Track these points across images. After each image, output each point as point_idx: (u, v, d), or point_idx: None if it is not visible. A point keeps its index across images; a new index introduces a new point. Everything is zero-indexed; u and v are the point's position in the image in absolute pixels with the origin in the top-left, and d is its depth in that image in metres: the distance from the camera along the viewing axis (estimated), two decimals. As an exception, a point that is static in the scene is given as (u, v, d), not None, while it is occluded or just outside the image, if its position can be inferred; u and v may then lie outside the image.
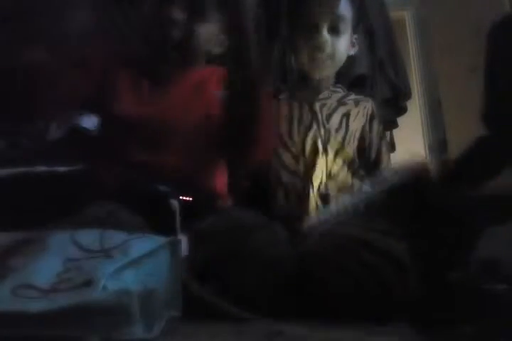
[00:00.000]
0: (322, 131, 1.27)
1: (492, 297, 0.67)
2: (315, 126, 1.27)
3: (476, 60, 1.28)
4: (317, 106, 1.30)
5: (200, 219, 0.95)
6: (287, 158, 1.27)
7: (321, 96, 1.32)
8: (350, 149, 1.29)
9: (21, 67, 0.95)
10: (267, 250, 0.89)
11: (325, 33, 1.24)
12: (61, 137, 1.58)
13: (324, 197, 1.23)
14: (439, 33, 1.36)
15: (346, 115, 1.30)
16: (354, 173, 1.28)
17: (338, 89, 1.37)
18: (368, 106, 1.34)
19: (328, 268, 0.87)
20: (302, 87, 1.35)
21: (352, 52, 1.33)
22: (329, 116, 1.29)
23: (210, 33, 1.12)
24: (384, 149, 1.35)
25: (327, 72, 1.30)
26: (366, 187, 1.21)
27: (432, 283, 0.85)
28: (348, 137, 1.29)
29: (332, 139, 1.26)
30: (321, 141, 1.26)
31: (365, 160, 1.32)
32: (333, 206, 1.18)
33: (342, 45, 1.27)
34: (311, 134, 1.26)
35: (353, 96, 1.36)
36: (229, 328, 0.78)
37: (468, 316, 0.67)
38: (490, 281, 0.70)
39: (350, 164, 1.28)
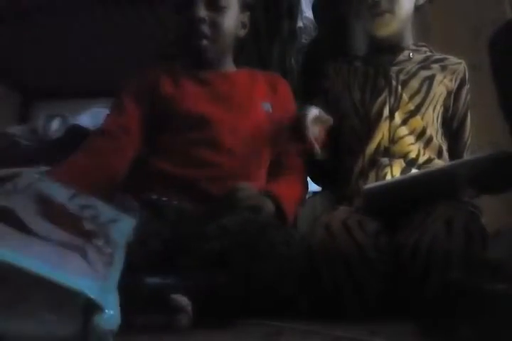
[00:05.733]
0: (393, 98, 1.18)
1: (492, 297, 0.67)
2: (386, 92, 1.19)
3: (476, 59, 1.29)
4: (394, 71, 1.21)
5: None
6: (356, 124, 1.22)
7: (400, 57, 1.24)
8: (428, 116, 1.19)
9: None
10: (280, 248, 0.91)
11: None
12: (61, 137, 1.59)
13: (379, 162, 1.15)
14: (439, 32, 1.36)
15: (429, 79, 1.21)
16: (427, 144, 1.18)
17: (422, 49, 1.27)
18: (459, 70, 1.23)
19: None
20: (377, 50, 1.27)
21: (420, 1, 1.25)
22: (406, 82, 1.20)
23: (232, 19, 1.18)
24: (468, 119, 1.25)
25: (391, 27, 1.22)
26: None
27: (433, 283, 0.85)
28: (426, 103, 1.19)
29: (402, 106, 1.18)
30: (389, 106, 1.18)
31: (446, 129, 1.23)
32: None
33: None
34: (379, 100, 1.19)
35: (439, 58, 1.25)
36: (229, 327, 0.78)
37: (469, 316, 0.67)
38: (490, 281, 0.70)
39: (420, 134, 1.18)
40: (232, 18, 1.19)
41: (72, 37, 2.13)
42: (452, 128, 1.24)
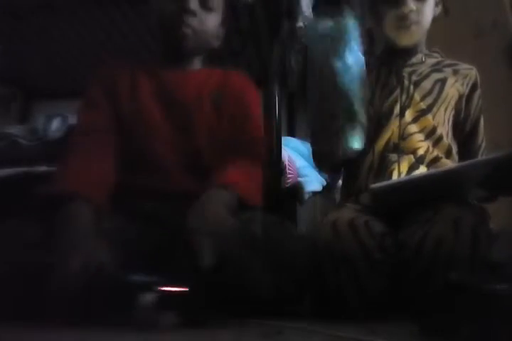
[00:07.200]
0: (404, 96, 1.20)
1: (492, 297, 0.67)
2: (398, 91, 1.21)
3: (476, 59, 1.29)
4: (406, 71, 1.23)
5: None
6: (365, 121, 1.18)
7: (413, 60, 1.25)
8: (440, 117, 1.19)
9: None
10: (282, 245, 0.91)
11: (410, 2, 1.17)
12: (61, 137, 1.59)
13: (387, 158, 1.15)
14: (439, 32, 1.36)
15: (441, 81, 1.22)
16: (436, 143, 1.17)
17: (435, 54, 1.29)
18: (470, 74, 1.24)
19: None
20: (392, 52, 1.27)
21: (437, 12, 1.26)
22: (418, 82, 1.22)
23: (214, 23, 1.20)
24: (481, 123, 1.26)
25: (415, 38, 1.22)
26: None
27: (433, 282, 0.85)
28: (437, 104, 1.20)
29: (413, 105, 1.19)
30: (400, 104, 1.19)
31: (459, 133, 1.24)
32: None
33: (427, 10, 1.20)
34: (391, 98, 1.20)
35: (451, 63, 1.27)
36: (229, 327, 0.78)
37: (469, 316, 0.67)
38: (490, 281, 0.70)
39: (430, 133, 1.18)
40: (214, 22, 1.20)
41: (72, 36, 2.14)
42: (465, 131, 1.24)
